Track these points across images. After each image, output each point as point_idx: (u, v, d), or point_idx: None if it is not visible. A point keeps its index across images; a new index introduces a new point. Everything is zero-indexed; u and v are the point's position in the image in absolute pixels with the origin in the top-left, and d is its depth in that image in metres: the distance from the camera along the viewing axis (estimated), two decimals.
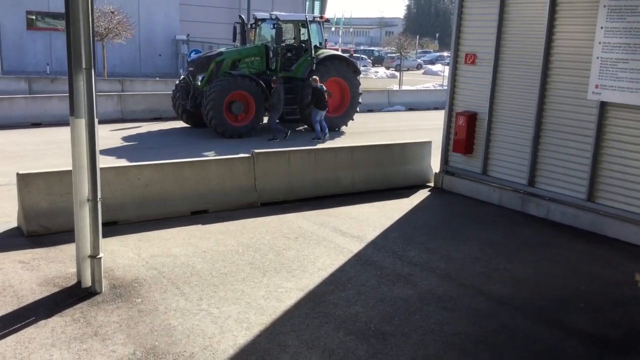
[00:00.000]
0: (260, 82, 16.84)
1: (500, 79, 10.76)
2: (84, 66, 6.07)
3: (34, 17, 33.37)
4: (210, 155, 13.43)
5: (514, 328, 6.11)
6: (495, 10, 10.58)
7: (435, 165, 12.25)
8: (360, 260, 7.81)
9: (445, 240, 8.72)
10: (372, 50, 70.43)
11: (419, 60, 63.82)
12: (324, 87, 16.82)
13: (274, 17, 17.93)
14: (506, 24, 10.55)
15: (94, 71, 6.19)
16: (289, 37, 18.68)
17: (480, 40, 11.01)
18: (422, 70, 58.08)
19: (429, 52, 75.14)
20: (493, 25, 10.65)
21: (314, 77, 16.77)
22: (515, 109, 10.52)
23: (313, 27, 18.48)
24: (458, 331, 5.98)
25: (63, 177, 8.19)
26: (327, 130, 17.17)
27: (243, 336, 5.68)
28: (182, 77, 18.91)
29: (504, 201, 10.75)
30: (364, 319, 6.12)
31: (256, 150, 10.25)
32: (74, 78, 6.10)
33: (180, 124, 18.43)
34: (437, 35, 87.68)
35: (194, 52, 22.73)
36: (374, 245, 8.43)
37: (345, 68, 18.55)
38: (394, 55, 54.72)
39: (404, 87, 33.82)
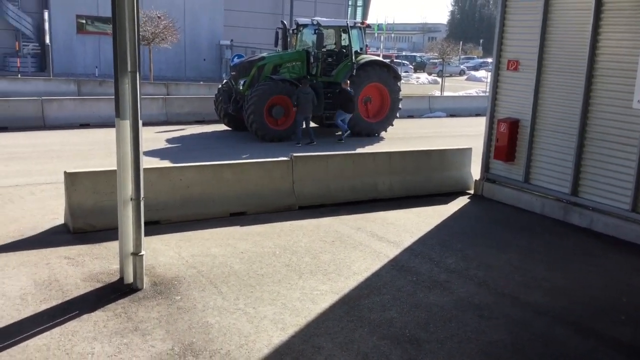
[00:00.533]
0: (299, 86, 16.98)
1: (543, 86, 10.61)
2: (129, 69, 6.28)
3: (84, 21, 34.42)
4: (250, 158, 13.61)
5: (551, 338, 6.03)
6: (538, 16, 10.45)
7: (475, 172, 12.13)
8: (396, 265, 7.82)
9: (483, 248, 8.64)
10: (414, 56, 70.09)
11: (461, 66, 63.21)
12: (351, 91, 16.96)
13: (315, 22, 18.07)
14: (550, 30, 10.40)
15: (139, 74, 6.39)
16: (330, 43, 18.80)
17: (523, 46, 10.88)
18: (465, 77, 57.48)
19: (473, 58, 74.34)
20: (536, 32, 10.51)
21: (346, 80, 16.97)
22: (559, 116, 10.36)
23: (354, 33, 18.55)
24: (494, 340, 5.93)
25: (108, 177, 8.45)
26: (347, 129, 17.52)
27: (278, 336, 5.76)
28: (224, 81, 19.24)
29: (545, 210, 10.58)
30: (398, 324, 6.13)
31: (295, 154, 10.36)
32: (119, 81, 6.32)
33: (221, 126, 18.75)
34: (481, 41, 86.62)
35: (236, 57, 23.10)
36: (410, 251, 8.42)
37: (385, 73, 18.55)
38: (436, 61, 54.37)
39: (445, 93, 33.56)
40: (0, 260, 7.23)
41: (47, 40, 28.14)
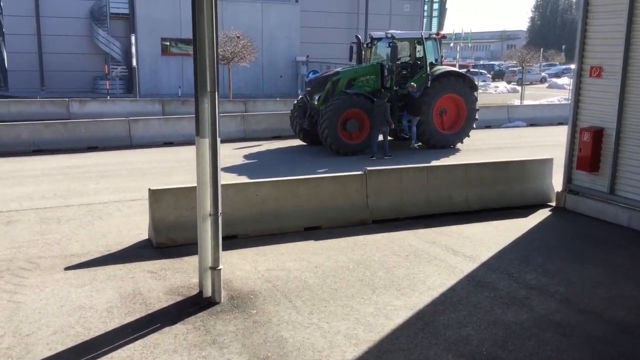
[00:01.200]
0: (375, 99, 17.01)
1: (628, 93, 10.12)
2: (208, 89, 6.54)
3: (167, 44, 36.06)
4: (325, 173, 13.74)
5: (636, 357, 5.69)
6: (622, 20, 10.00)
7: (557, 183, 11.69)
8: (472, 280, 7.65)
9: (565, 263, 8.30)
10: (493, 65, 68.50)
11: (543, 74, 61.16)
12: (417, 93, 17.06)
13: (389, 35, 18.08)
14: (635, 35, 9.92)
15: (218, 94, 6.64)
16: (404, 55, 18.76)
17: (607, 52, 10.44)
18: (547, 84, 55.55)
19: (554, 65, 71.77)
20: (620, 37, 10.06)
21: (412, 83, 16.89)
22: None
23: (429, 44, 18.41)
24: (576, 359, 5.68)
25: (189, 193, 8.79)
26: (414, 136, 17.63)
27: (351, 352, 5.77)
28: (300, 97, 19.57)
29: (633, 223, 10.03)
30: (475, 342, 5.99)
31: (369, 168, 10.38)
32: (199, 100, 6.59)
33: (297, 142, 19.05)
34: (563, 47, 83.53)
35: (312, 73, 23.42)
36: (487, 265, 8.21)
37: (461, 84, 18.25)
38: (515, 69, 52.91)
39: (525, 102, 32.56)
40: (89, 274, 7.67)
41: (134, 63, 29.69)
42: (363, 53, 19.43)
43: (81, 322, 6.31)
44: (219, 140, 6.74)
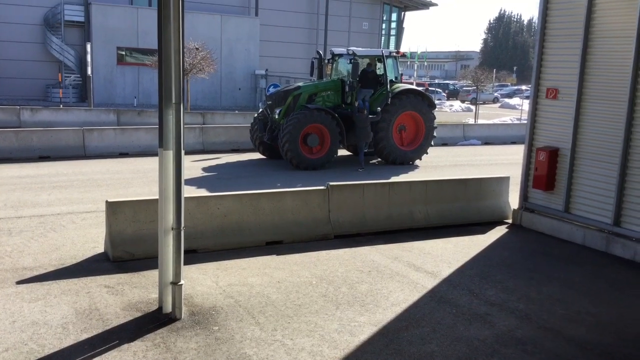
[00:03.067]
0: (336, 115, 17.10)
1: (583, 114, 10.45)
2: (173, 101, 6.41)
3: (123, 53, 35.43)
4: (285, 187, 13.67)
5: None
6: (578, 44, 10.35)
7: (513, 201, 11.94)
8: (434, 296, 7.69)
9: (524, 280, 8.45)
10: (447, 84, 69.98)
11: (495, 94, 62.80)
12: (364, 116, 17.03)
13: (350, 52, 18.25)
14: (590, 58, 10.28)
15: (183, 106, 6.51)
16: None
17: (563, 74, 10.77)
18: (499, 104, 57.06)
19: (506, 86, 73.81)
20: (576, 60, 10.40)
21: (362, 107, 17.17)
22: (600, 145, 10.16)
23: (389, 62, 18.66)
24: None
25: (148, 205, 8.59)
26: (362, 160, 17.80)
27: None
28: (260, 110, 19.49)
29: (587, 241, 10.32)
30: (439, 359, 6.00)
31: (331, 183, 10.37)
32: (164, 112, 6.45)
33: (257, 155, 18.93)
34: (514, 68, 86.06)
35: (272, 87, 23.36)
36: (449, 282, 8.28)
37: (420, 102, 18.54)
38: (469, 88, 54.19)
39: (480, 121, 33.32)
40: (42, 289, 7.36)
41: (89, 72, 29.02)
42: (324, 68, 19.54)
43: (35, 338, 6.03)
44: (183, 152, 6.61)
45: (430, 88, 50.81)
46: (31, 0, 34.06)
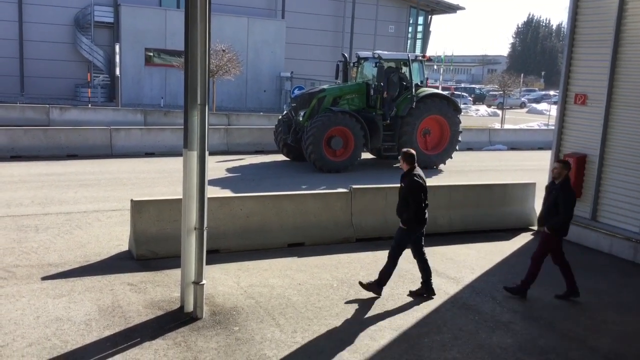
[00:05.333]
0: (360, 118, 17.06)
1: (612, 121, 10.27)
2: (198, 102, 6.46)
3: (151, 54, 35.83)
4: (308, 189, 13.67)
5: None
6: (608, 50, 10.18)
7: (539, 208, 11.74)
8: (456, 303, 7.61)
9: (548, 288, 8.31)
10: (474, 88, 69.40)
11: (522, 99, 62.11)
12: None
13: (376, 56, 18.20)
14: (620, 64, 10.10)
15: (207, 107, 6.56)
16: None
17: (592, 80, 10.61)
18: (526, 109, 56.40)
19: (534, 91, 72.97)
20: (605, 66, 10.23)
21: None
22: (629, 152, 9.98)
23: (414, 66, 18.55)
24: None
25: (172, 205, 8.66)
26: None
27: None
28: (284, 112, 19.53)
29: (614, 249, 10.13)
30: None
31: (354, 186, 10.34)
32: (189, 113, 6.50)
33: (280, 157, 18.98)
34: (542, 73, 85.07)
35: (297, 89, 23.44)
36: (471, 288, 8.19)
37: (445, 106, 18.41)
38: (496, 93, 53.68)
39: (506, 126, 32.96)
40: (67, 285, 7.47)
41: (117, 72, 29.41)
42: (349, 72, 19.52)
43: (58, 334, 6.12)
44: (207, 153, 6.66)
45: (456, 92, 50.48)
46: (62, 1, 34.66)
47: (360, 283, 7.74)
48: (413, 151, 7.77)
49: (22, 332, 6.11)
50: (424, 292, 7.72)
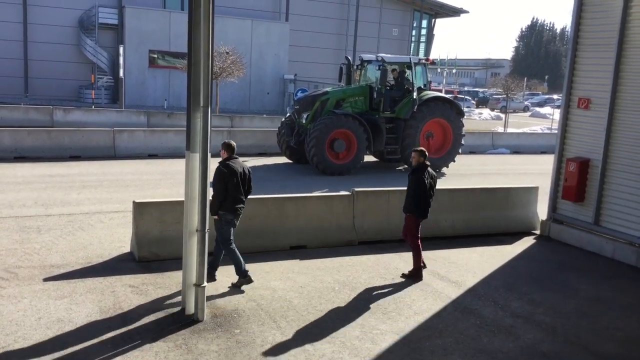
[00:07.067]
0: (363, 121, 17.06)
1: (616, 125, 10.24)
2: (201, 104, 6.46)
3: (155, 56, 35.90)
4: (311, 192, 13.66)
5: None
6: (612, 54, 10.16)
7: (542, 212, 11.75)
8: (458, 306, 7.59)
9: (551, 293, 8.29)
10: (477, 92, 69.35)
11: (526, 103, 62.01)
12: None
13: (379, 59, 18.20)
14: (624, 69, 10.08)
15: (210, 109, 6.56)
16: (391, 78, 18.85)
17: (595, 84, 10.58)
18: (529, 113, 56.33)
19: (537, 94, 72.85)
20: (609, 70, 10.21)
21: None
22: (632, 157, 9.95)
23: (418, 69, 18.54)
24: None
25: (175, 207, 8.65)
26: None
27: None
28: (287, 114, 19.54)
29: (617, 254, 10.09)
30: None
31: (356, 189, 10.33)
32: (191, 115, 6.50)
33: (283, 159, 18.98)
34: (546, 77, 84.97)
35: (300, 91, 23.47)
36: (473, 292, 8.17)
37: (448, 109, 18.40)
38: (499, 96, 53.62)
39: (509, 130, 32.92)
40: (69, 287, 7.47)
41: (121, 74, 29.47)
42: (352, 74, 19.51)
43: (59, 335, 6.12)
44: (209, 155, 6.66)
45: (459, 95, 50.42)
46: (67, 3, 34.76)
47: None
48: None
49: (24, 334, 6.11)
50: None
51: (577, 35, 10.92)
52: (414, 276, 8.48)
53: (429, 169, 8.57)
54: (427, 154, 8.61)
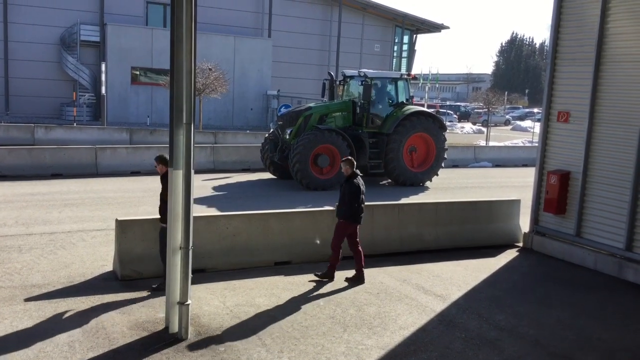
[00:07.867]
0: (347, 136, 17.13)
1: (595, 138, 10.40)
2: (184, 121, 6.45)
3: (138, 73, 35.82)
4: (295, 207, 13.65)
5: None
6: (590, 68, 10.34)
7: (524, 224, 11.85)
8: (443, 320, 7.61)
9: (534, 305, 8.34)
10: (459, 106, 70.05)
11: (507, 116, 62.76)
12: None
13: (362, 74, 18.34)
14: (602, 82, 10.26)
15: (193, 126, 6.56)
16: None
17: (574, 98, 10.76)
18: (511, 126, 56.96)
19: (518, 108, 73.77)
20: (588, 84, 10.39)
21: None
22: (612, 169, 10.09)
23: (400, 84, 18.71)
24: None
25: (157, 225, 8.58)
26: None
27: None
28: (271, 130, 19.56)
29: (599, 265, 10.20)
30: None
31: None
32: (174, 132, 6.49)
33: (267, 175, 18.97)
34: (526, 91, 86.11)
35: (283, 107, 23.49)
36: (458, 305, 8.19)
37: (431, 124, 18.56)
38: (481, 110, 54.21)
39: (491, 143, 33.25)
40: (50, 307, 7.37)
41: (103, 91, 29.33)
42: (335, 90, 19.62)
43: (41, 356, 6.02)
44: (192, 172, 6.64)
45: (441, 110, 50.91)
46: (48, 20, 34.62)
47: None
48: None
49: (4, 356, 6.00)
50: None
51: (555, 50, 11.11)
52: (335, 277, 8.93)
53: (359, 177, 9.09)
54: (355, 162, 9.14)
